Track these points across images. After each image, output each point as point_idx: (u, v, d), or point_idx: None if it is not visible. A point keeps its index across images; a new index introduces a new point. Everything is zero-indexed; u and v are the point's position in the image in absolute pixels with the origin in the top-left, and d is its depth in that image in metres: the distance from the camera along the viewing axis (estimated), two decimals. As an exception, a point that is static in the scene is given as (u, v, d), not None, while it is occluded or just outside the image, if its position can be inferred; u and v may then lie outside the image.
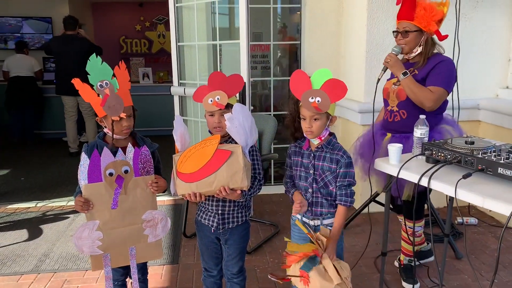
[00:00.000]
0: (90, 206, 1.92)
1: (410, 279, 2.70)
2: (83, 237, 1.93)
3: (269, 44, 4.21)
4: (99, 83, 1.96)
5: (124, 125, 2.00)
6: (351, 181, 1.92)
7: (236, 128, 1.90)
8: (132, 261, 2.06)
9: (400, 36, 2.46)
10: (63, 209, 4.08)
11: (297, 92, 1.90)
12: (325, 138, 1.93)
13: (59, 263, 3.07)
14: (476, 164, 1.84)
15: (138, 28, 10.27)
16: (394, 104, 2.54)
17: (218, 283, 2.29)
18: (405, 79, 2.40)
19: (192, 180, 1.92)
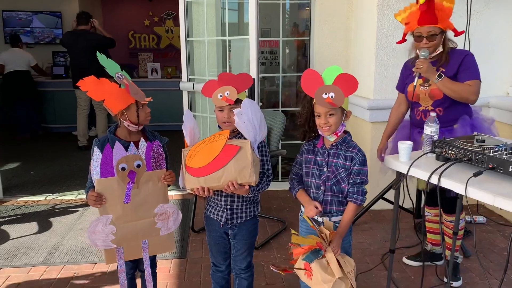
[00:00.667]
0: (103, 201, 1.93)
1: (453, 276, 2.72)
2: (97, 231, 1.95)
3: (278, 40, 4.20)
4: (117, 74, 2.00)
5: (147, 111, 2.04)
6: (363, 179, 1.91)
7: (245, 123, 1.90)
8: (144, 254, 2.09)
9: (425, 40, 2.46)
10: (72, 203, 4.12)
11: (309, 90, 1.89)
12: (341, 134, 1.93)
13: (68, 256, 3.10)
14: (487, 162, 1.83)
15: (147, 23, 10.27)
16: (428, 104, 2.56)
17: (226, 278, 2.30)
18: (442, 82, 2.42)
19: (201, 174, 1.93)
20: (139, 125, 2.04)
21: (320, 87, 1.85)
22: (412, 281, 2.79)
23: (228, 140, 1.93)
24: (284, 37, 4.32)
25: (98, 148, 1.92)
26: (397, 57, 3.68)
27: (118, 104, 1.99)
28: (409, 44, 2.66)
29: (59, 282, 2.79)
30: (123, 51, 9.98)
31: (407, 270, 2.90)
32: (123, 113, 2.01)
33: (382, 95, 3.71)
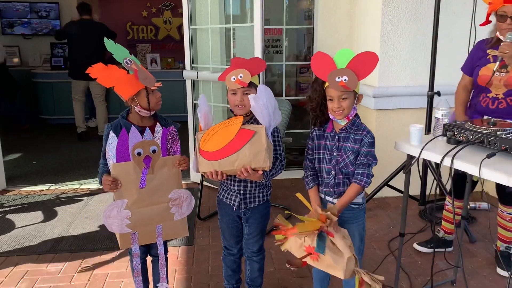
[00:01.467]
0: (118, 185, 1.94)
1: (507, 266, 2.68)
2: (112, 216, 1.96)
3: (282, 28, 4.19)
4: (125, 60, 1.99)
5: (157, 96, 2.03)
6: (371, 160, 1.90)
7: (261, 108, 1.90)
8: (158, 238, 2.10)
9: (510, 20, 2.30)
10: (76, 192, 4.11)
11: (321, 73, 1.88)
12: (352, 118, 1.93)
13: (75, 244, 3.10)
14: (499, 144, 1.84)
15: (145, 14, 10.19)
16: (500, 91, 2.46)
17: (238, 261, 2.31)
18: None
19: (215, 158, 1.94)
20: (150, 111, 2.04)
21: (333, 71, 1.84)
22: (419, 266, 2.81)
23: (243, 124, 1.93)
24: (287, 25, 4.30)
25: (114, 132, 1.91)
26: (401, 44, 3.69)
27: (128, 90, 1.99)
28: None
29: (67, 269, 2.79)
30: (121, 42, 9.50)
31: (413, 256, 2.92)
32: (133, 99, 2.01)
33: (387, 82, 3.71)
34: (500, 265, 2.72)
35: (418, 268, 2.79)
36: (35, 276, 2.71)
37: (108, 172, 1.95)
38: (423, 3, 3.61)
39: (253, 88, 2.03)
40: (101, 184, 1.99)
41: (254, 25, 3.48)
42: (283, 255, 2.91)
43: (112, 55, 2.02)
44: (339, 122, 1.95)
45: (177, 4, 10.18)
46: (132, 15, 10.15)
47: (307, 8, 6.94)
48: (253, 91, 2.02)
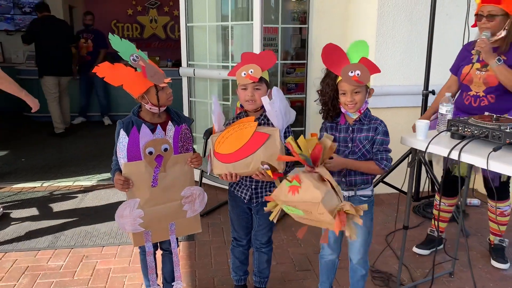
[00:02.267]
0: (130, 185, 1.92)
1: (500, 259, 2.78)
2: (125, 215, 1.95)
3: (277, 26, 4.23)
4: (131, 57, 1.94)
5: (168, 92, 2.02)
6: (387, 147, 1.97)
7: (276, 112, 1.94)
8: (172, 236, 2.10)
9: (484, 20, 2.43)
10: (70, 189, 4.07)
11: (334, 67, 1.93)
12: (364, 111, 1.99)
13: (74, 240, 3.07)
14: (504, 138, 1.92)
15: (130, 13, 10.12)
16: (480, 89, 2.54)
17: (246, 253, 2.34)
18: (500, 67, 2.39)
19: (230, 160, 1.97)
20: (160, 107, 2.03)
21: (347, 66, 1.90)
22: (417, 259, 2.90)
23: (257, 127, 1.96)
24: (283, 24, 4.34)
25: (123, 130, 1.90)
26: (396, 44, 3.78)
27: (137, 88, 1.97)
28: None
29: (69, 264, 2.77)
30: (106, 40, 9.81)
31: (411, 249, 3.00)
32: (143, 97, 1.99)
33: (381, 81, 3.80)
34: (494, 258, 2.82)
35: (416, 261, 2.87)
36: (36, 271, 2.68)
37: (120, 170, 1.94)
38: (418, 5, 3.71)
39: (264, 83, 2.06)
40: (113, 182, 1.98)
41: (253, 23, 3.51)
42: (285, 249, 2.98)
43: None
44: (351, 116, 2.00)
45: (163, 3, 10.15)
46: (117, 13, 10.08)
47: (295, 9, 7.02)
48: (263, 86, 2.06)
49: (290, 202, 1.75)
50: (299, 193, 1.70)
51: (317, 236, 3.10)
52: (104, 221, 3.37)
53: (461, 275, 2.70)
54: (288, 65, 5.23)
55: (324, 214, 1.67)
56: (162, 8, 10.16)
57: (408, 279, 2.66)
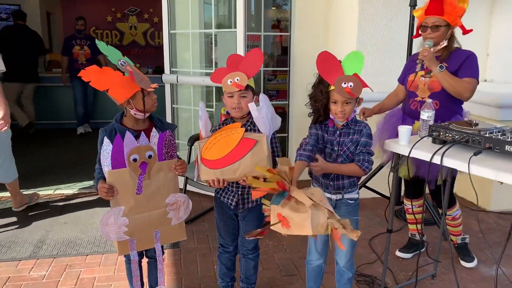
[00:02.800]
0: (115, 192, 1.91)
1: (467, 257, 2.89)
2: (109, 224, 1.93)
3: (260, 34, 4.28)
4: (120, 62, 1.96)
5: (153, 98, 2.02)
6: (369, 150, 2.01)
7: (263, 118, 1.96)
8: (157, 244, 2.09)
9: (429, 30, 2.56)
10: (51, 197, 4.00)
11: (328, 76, 1.96)
12: (351, 117, 2.03)
13: (57, 249, 3.02)
14: (483, 143, 1.99)
15: (109, 19, 10.08)
16: (426, 95, 2.65)
17: (233, 259, 2.35)
18: (442, 73, 2.51)
19: (217, 166, 1.98)
20: (145, 113, 2.04)
21: (340, 77, 1.93)
22: (400, 262, 2.95)
23: (245, 133, 1.98)
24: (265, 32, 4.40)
25: (107, 138, 1.89)
26: (376, 53, 3.87)
27: (123, 92, 1.96)
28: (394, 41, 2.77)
29: (51, 274, 2.72)
30: None
31: (394, 252, 3.05)
32: (129, 102, 1.99)
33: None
34: (462, 258, 2.93)
35: (399, 264, 2.92)
36: (18, 282, 2.63)
37: (104, 178, 1.93)
38: (397, 13, 3.81)
39: (250, 90, 2.08)
40: (97, 190, 1.96)
41: (237, 30, 3.54)
42: (271, 255, 3.00)
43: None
44: (338, 122, 2.04)
45: (143, 10, 10.12)
46: (96, 20, 9.99)
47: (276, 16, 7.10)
48: (249, 93, 2.08)
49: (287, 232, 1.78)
50: (291, 228, 1.73)
51: (302, 241, 3.14)
52: (87, 230, 3.33)
53: (443, 277, 2.76)
54: (269, 72, 5.28)
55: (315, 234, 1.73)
56: (141, 15, 10.14)
57: (392, 282, 2.71)
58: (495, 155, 1.96)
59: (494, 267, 2.88)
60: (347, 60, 1.95)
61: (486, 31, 4.10)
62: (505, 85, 3.99)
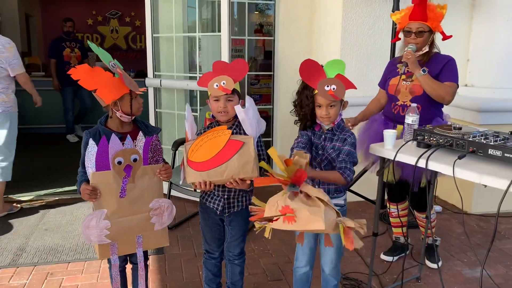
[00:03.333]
0: (98, 195, 1.88)
1: (432, 258, 2.94)
2: (91, 226, 1.89)
3: (244, 38, 4.27)
4: (111, 63, 1.96)
5: (140, 101, 2.01)
6: (352, 159, 2.00)
7: (250, 120, 1.96)
8: (138, 249, 2.05)
9: (414, 36, 2.60)
10: (31, 204, 3.91)
11: (311, 81, 1.97)
12: (337, 122, 2.04)
13: (38, 256, 2.95)
14: (467, 147, 2.01)
15: (90, 22, 9.96)
16: (407, 99, 2.68)
17: (219, 265, 2.32)
18: (425, 76, 2.56)
19: (203, 169, 1.96)
20: (131, 116, 2.02)
21: (323, 80, 1.95)
22: (385, 265, 2.96)
23: (231, 135, 1.97)
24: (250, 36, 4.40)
25: (94, 140, 1.87)
26: (360, 57, 3.90)
27: (112, 94, 1.95)
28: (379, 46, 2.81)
29: (32, 283, 2.66)
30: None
31: (378, 255, 3.07)
32: (116, 103, 1.98)
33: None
34: (428, 258, 2.96)
35: (384, 267, 2.93)
36: (-3, 291, 2.56)
37: (87, 181, 1.90)
38: (380, 19, 3.85)
39: (236, 94, 2.07)
40: (79, 193, 1.93)
41: (221, 34, 3.53)
42: (257, 260, 2.98)
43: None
44: (324, 126, 2.05)
45: (124, 13, 10.04)
46: (77, 23, 9.77)
47: (259, 21, 7.13)
48: (235, 97, 2.07)
49: (286, 227, 1.70)
50: (296, 222, 1.66)
51: (287, 245, 3.14)
52: (68, 236, 3.26)
53: (428, 279, 2.79)
54: (252, 76, 5.28)
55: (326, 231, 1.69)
56: (123, 18, 10.06)
57: (378, 285, 2.72)
58: (479, 158, 1.99)
59: (477, 269, 2.93)
60: (328, 65, 1.97)
61: (466, 36, 4.17)
62: (484, 89, 4.07)
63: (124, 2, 9.87)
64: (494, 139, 1.99)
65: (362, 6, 3.79)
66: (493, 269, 2.92)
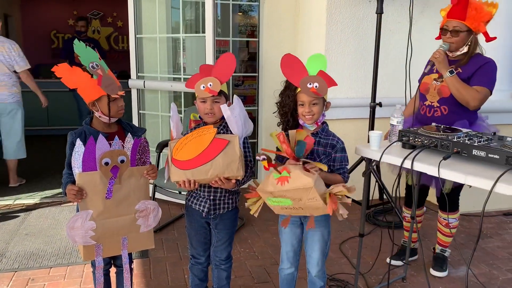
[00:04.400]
0: (84, 195, 1.86)
1: (438, 267, 2.87)
2: (76, 227, 1.87)
3: (229, 39, 4.26)
4: (91, 64, 1.94)
5: (119, 104, 1.99)
6: (346, 164, 2.04)
7: (236, 118, 1.94)
8: (123, 251, 2.03)
9: (449, 34, 2.50)
10: (11, 208, 3.82)
11: (293, 78, 1.97)
12: (321, 123, 2.03)
13: (18, 262, 2.88)
14: (452, 147, 2.03)
15: (71, 23, 9.77)
16: (435, 99, 2.61)
17: (205, 270, 2.30)
18: (451, 78, 2.46)
19: (188, 167, 1.93)
20: (109, 118, 2.00)
21: (305, 77, 1.95)
22: (370, 265, 2.97)
23: (216, 134, 1.95)
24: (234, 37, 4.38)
25: (81, 140, 1.85)
26: (344, 58, 3.92)
27: (89, 94, 1.96)
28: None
29: (13, 289, 2.59)
30: (44, 51, 9.42)
31: (365, 256, 3.08)
32: (94, 104, 1.98)
33: (331, 94, 3.88)
34: (433, 266, 2.91)
35: (369, 267, 2.94)
36: (-24, 298, 2.49)
37: (73, 182, 1.88)
38: (364, 21, 3.87)
39: (223, 96, 2.06)
40: (65, 195, 1.91)
41: (205, 36, 3.50)
42: (243, 262, 2.96)
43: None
44: (308, 127, 2.04)
45: (106, 14, 9.91)
46: (57, 23, 9.71)
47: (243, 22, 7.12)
48: (222, 99, 2.06)
49: (279, 192, 1.82)
50: (289, 183, 1.79)
51: (273, 247, 3.13)
52: (50, 241, 3.19)
53: (413, 279, 2.81)
54: (236, 78, 5.26)
55: (315, 198, 1.78)
56: (105, 19, 9.92)
57: (364, 286, 2.72)
58: (463, 159, 2.01)
59: (461, 268, 2.96)
60: (310, 61, 1.97)
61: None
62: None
63: (106, 3, 9.75)
64: (478, 140, 2.02)
65: (346, 7, 3.81)
66: (477, 268, 2.96)
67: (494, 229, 3.66)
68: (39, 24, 9.55)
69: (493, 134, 2.13)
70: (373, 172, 3.53)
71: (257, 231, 3.47)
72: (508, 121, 3.86)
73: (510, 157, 1.81)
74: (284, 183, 1.79)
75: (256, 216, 2.00)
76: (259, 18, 4.28)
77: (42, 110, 6.63)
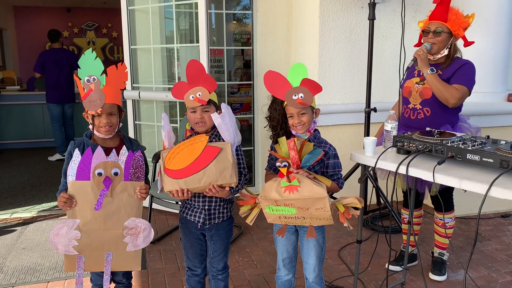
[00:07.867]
0: (73, 204, 1.87)
1: (437, 271, 2.86)
2: (60, 235, 1.88)
3: (223, 48, 4.27)
4: (87, 78, 1.95)
5: (102, 121, 1.96)
6: (340, 170, 2.05)
7: (226, 126, 1.94)
8: (106, 267, 1.98)
9: (431, 35, 2.57)
10: (7, 222, 3.80)
11: (278, 92, 1.99)
12: (313, 131, 2.04)
13: (15, 277, 2.86)
14: (446, 152, 2.04)
15: (66, 34, 9.82)
16: (417, 102, 2.66)
17: (202, 281, 2.28)
18: (431, 75, 2.52)
19: (181, 176, 1.92)
20: (93, 131, 2.01)
21: (289, 90, 1.97)
22: (369, 271, 2.97)
23: (208, 142, 1.95)
24: (228, 46, 4.40)
25: (77, 150, 1.88)
26: (338, 65, 3.93)
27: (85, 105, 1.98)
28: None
29: (10, 304, 2.58)
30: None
31: (363, 263, 3.07)
32: (87, 116, 2.00)
33: (325, 100, 3.93)
34: (432, 270, 2.90)
35: (368, 273, 2.94)
36: (-27, 315, 2.47)
37: (66, 191, 1.89)
38: (357, 27, 3.90)
39: (212, 105, 2.07)
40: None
41: (199, 45, 3.51)
42: (241, 271, 2.95)
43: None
44: (301, 137, 2.04)
45: (101, 25, 9.95)
46: (52, 35, 9.71)
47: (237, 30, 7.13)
48: (212, 108, 2.06)
49: (285, 201, 1.85)
50: (298, 192, 1.82)
51: (271, 256, 3.12)
52: (47, 255, 3.18)
53: (412, 284, 2.80)
54: (232, 86, 5.27)
55: (324, 208, 1.83)
56: (100, 30, 9.97)
57: (363, 292, 2.72)
58: (458, 163, 2.01)
59: (459, 271, 2.96)
60: (291, 72, 1.98)
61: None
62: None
63: (100, 14, 9.80)
64: (471, 144, 2.02)
65: (339, 14, 3.83)
66: (475, 272, 2.96)
67: (492, 231, 3.66)
68: (34, 37, 9.59)
69: (487, 137, 2.14)
70: (370, 177, 3.54)
71: (255, 240, 3.47)
72: (501, 123, 3.88)
73: (504, 160, 1.81)
74: (293, 192, 1.82)
75: (251, 225, 2.01)
76: (252, 27, 4.30)
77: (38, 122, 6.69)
